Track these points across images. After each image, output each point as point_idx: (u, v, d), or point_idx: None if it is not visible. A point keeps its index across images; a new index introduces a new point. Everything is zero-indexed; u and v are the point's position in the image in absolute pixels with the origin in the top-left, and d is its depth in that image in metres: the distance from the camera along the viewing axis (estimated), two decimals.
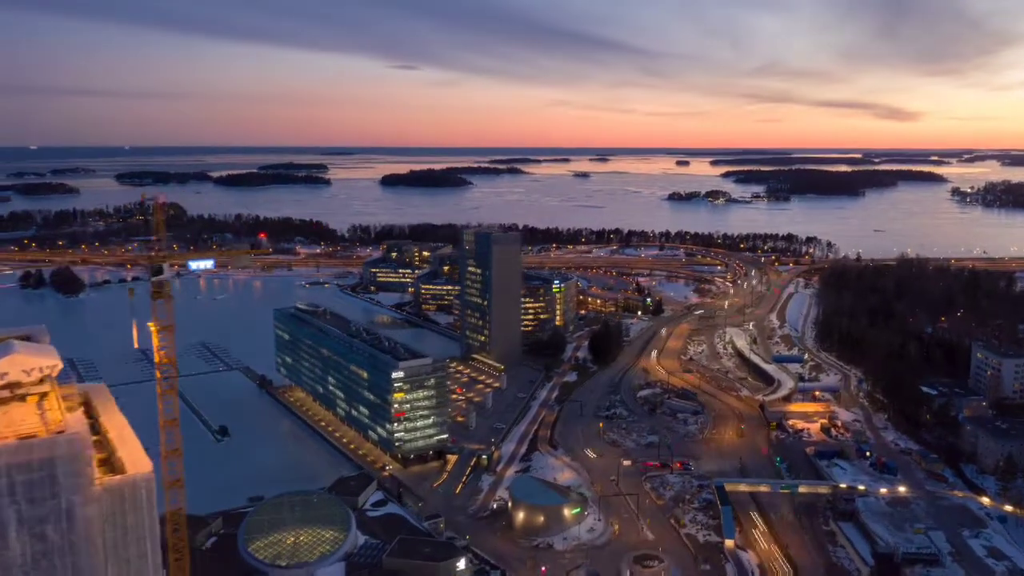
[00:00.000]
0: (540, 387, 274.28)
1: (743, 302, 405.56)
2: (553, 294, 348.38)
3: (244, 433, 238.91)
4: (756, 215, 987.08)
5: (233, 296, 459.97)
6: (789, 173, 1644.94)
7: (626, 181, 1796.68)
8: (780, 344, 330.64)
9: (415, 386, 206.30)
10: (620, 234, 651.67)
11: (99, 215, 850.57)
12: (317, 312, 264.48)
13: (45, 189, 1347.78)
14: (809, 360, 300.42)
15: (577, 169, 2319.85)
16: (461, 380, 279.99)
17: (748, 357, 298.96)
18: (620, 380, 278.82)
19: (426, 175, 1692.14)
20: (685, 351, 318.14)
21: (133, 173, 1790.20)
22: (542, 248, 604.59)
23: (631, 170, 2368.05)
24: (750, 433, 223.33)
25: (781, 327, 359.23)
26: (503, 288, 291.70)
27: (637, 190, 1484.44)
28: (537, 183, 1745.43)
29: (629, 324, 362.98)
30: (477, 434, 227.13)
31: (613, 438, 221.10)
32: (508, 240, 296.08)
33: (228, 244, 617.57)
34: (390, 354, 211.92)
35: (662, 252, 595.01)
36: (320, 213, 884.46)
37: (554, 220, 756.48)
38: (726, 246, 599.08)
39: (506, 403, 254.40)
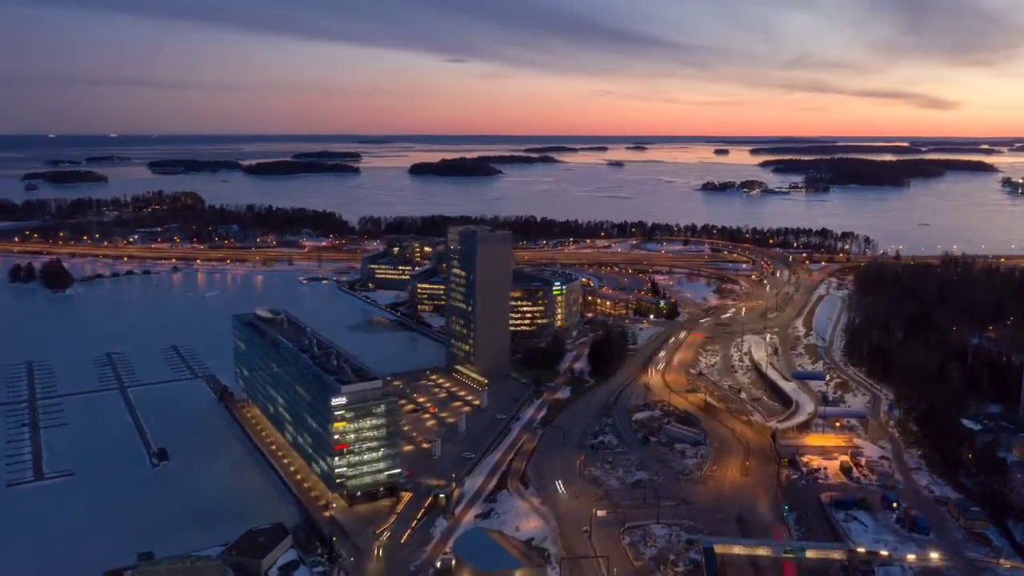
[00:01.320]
0: (527, 405, 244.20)
1: (767, 305, 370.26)
2: (553, 296, 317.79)
3: (186, 456, 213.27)
4: (792, 207, 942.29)
5: (225, 293, 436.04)
6: (831, 162, 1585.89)
7: (661, 170, 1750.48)
8: (804, 356, 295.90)
9: (361, 414, 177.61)
10: (643, 227, 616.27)
11: (116, 204, 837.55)
12: (275, 320, 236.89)
13: (74, 177, 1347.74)
14: (834, 377, 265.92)
15: (614, 158, 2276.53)
16: (438, 396, 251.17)
17: (765, 372, 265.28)
18: (616, 399, 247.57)
19: (457, 164, 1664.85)
20: (696, 363, 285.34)
21: (166, 161, 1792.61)
22: (558, 242, 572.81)
23: (668, 159, 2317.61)
24: (757, 471, 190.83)
25: (807, 336, 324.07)
26: (489, 293, 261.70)
27: (671, 180, 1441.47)
28: (569, 172, 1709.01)
29: (638, 330, 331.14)
30: (442, 465, 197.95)
31: (595, 474, 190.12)
32: (496, 239, 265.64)
33: (234, 236, 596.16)
34: (335, 375, 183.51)
35: (686, 248, 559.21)
36: (340, 203, 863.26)
37: (578, 211, 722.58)
38: (755, 241, 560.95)
39: (483, 426, 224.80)
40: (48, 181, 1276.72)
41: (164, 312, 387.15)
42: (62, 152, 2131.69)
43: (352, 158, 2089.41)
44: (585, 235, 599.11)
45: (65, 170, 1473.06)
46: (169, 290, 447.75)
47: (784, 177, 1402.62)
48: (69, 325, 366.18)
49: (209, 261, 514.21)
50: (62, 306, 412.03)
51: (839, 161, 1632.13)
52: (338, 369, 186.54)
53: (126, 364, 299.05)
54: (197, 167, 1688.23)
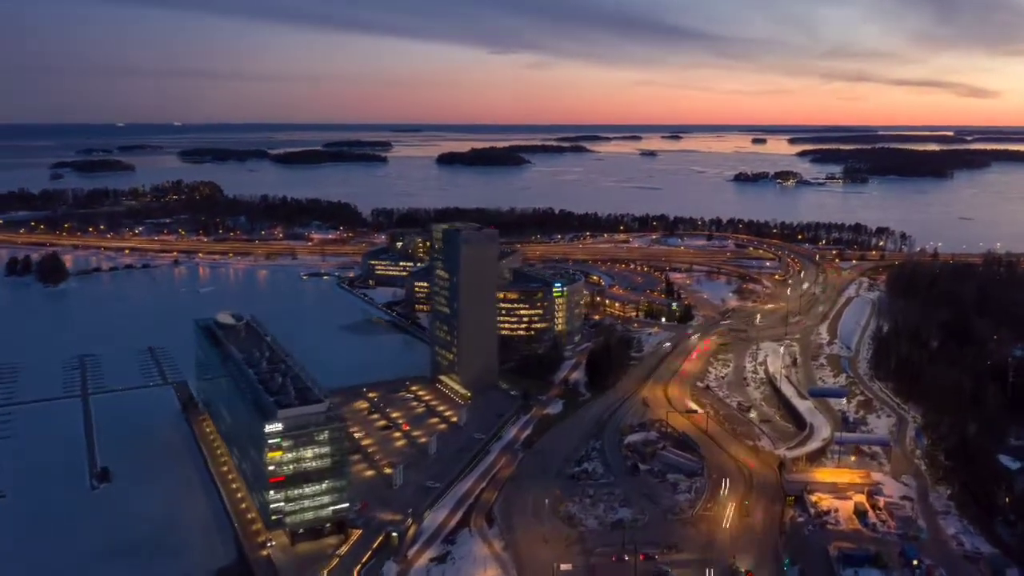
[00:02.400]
0: (511, 422, 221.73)
1: (789, 308, 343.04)
2: (553, 298, 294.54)
3: (130, 477, 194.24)
4: (828, 199, 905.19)
5: (220, 289, 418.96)
6: (871, 152, 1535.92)
7: (694, 160, 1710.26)
8: (825, 368, 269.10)
9: (301, 442, 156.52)
10: (665, 221, 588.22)
11: (135, 194, 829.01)
12: (234, 327, 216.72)
13: (102, 166, 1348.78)
14: (856, 393, 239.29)
15: (647, 147, 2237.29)
16: (415, 411, 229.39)
17: (779, 387, 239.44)
18: (611, 415, 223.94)
19: (486, 154, 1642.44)
20: (704, 375, 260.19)
21: (195, 150, 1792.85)
22: (575, 236, 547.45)
23: (702, 148, 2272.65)
24: (758, 510, 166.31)
25: (830, 344, 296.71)
26: (474, 297, 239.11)
27: (703, 170, 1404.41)
28: (600, 162, 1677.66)
29: (646, 335, 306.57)
30: (402, 495, 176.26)
31: (571, 511, 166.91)
32: (481, 239, 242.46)
33: (240, 228, 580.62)
34: (276, 395, 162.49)
35: (709, 243, 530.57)
36: (360, 193, 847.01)
37: (602, 203, 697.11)
38: (783, 236, 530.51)
39: (458, 447, 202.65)
40: (76, 170, 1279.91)
41: (153, 310, 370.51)
42: (93, 141, 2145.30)
43: (382, 147, 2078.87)
44: (604, 229, 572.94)
45: (94, 159, 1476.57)
46: (164, 285, 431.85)
47: (822, 167, 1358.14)
48: (50, 323, 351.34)
49: (211, 255, 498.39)
50: (51, 302, 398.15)
51: (880, 151, 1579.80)
52: (280, 389, 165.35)
53: (97, 368, 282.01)
54: (225, 156, 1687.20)
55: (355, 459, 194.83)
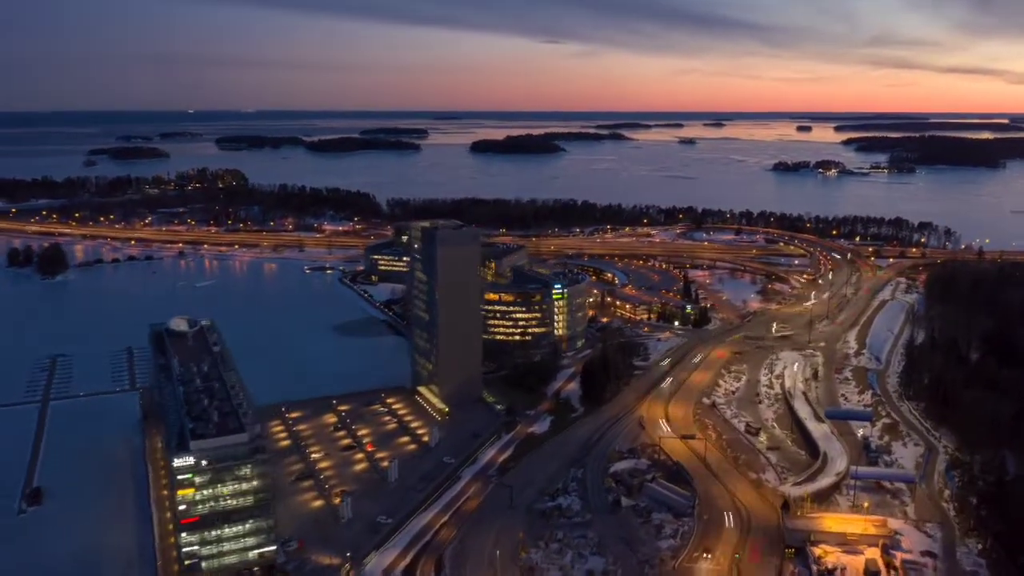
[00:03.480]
0: (489, 442, 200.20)
1: (817, 311, 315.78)
2: (552, 301, 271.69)
3: (65, 498, 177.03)
4: (870, 190, 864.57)
5: (219, 283, 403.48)
6: (920, 140, 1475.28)
7: (734, 148, 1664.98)
8: (850, 383, 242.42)
9: (218, 477, 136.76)
10: (693, 213, 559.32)
11: (157, 182, 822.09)
12: (184, 334, 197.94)
13: (136, 153, 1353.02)
14: (883, 415, 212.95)
15: (687, 135, 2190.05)
16: (385, 428, 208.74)
17: (793, 407, 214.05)
18: (600, 438, 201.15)
19: (521, 141, 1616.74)
20: (713, 389, 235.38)
21: (231, 138, 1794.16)
22: (594, 230, 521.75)
23: (744, 136, 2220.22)
24: (752, 564, 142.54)
25: (858, 354, 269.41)
26: (454, 302, 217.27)
27: (742, 159, 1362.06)
28: (637, 150, 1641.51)
29: (656, 341, 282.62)
30: (347, 533, 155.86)
31: (533, 560, 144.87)
32: (461, 238, 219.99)
33: (252, 219, 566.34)
34: (197, 421, 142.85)
35: (737, 238, 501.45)
36: (383, 182, 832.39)
37: (631, 193, 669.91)
38: (817, 231, 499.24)
39: (423, 472, 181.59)
40: (111, 157, 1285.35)
41: (143, 305, 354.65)
42: (137, 127, 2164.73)
43: (419, 134, 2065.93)
44: (627, 221, 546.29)
45: (130, 146, 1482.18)
46: (164, 278, 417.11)
47: (867, 156, 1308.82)
48: (34, 318, 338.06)
49: (218, 246, 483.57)
50: (44, 295, 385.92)
51: (929, 139, 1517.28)
52: (202, 414, 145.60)
53: (66, 370, 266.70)
54: (260, 143, 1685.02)
55: (306, 486, 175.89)
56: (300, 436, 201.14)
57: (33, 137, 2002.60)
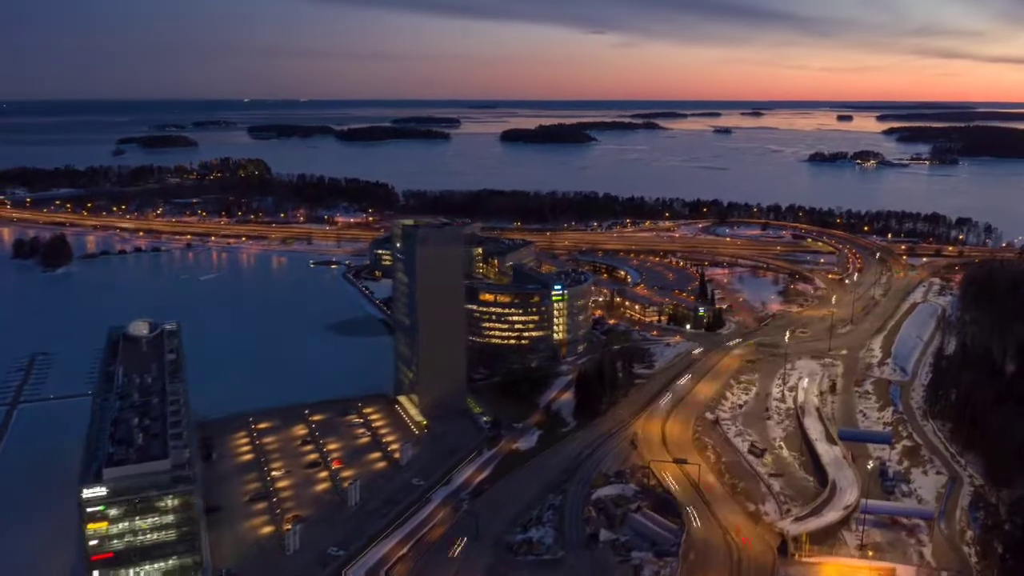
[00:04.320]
0: (470, 459, 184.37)
1: (840, 314, 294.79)
2: (551, 303, 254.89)
3: (3, 519, 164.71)
4: (910, 183, 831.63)
5: (221, 277, 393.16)
6: (964, 130, 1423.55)
7: (771, 138, 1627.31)
8: (870, 397, 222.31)
9: (135, 510, 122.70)
10: (718, 207, 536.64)
11: (180, 171, 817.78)
12: (141, 339, 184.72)
13: (166, 142, 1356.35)
14: (903, 436, 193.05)
15: (724, 124, 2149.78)
16: (357, 442, 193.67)
17: (804, 425, 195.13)
18: (589, 456, 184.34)
19: (552, 131, 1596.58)
20: (718, 402, 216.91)
21: (263, 126, 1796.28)
22: (613, 224, 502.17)
23: (783, 126, 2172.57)
24: None
25: (882, 364, 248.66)
26: (435, 306, 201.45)
27: (778, 149, 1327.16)
28: (670, 140, 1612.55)
29: (663, 346, 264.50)
30: (291, 567, 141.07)
31: None
32: (443, 237, 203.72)
33: (264, 210, 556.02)
34: (118, 445, 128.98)
35: (763, 233, 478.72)
36: (406, 172, 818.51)
37: (655, 185, 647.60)
38: (849, 226, 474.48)
39: (387, 495, 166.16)
40: (142, 146, 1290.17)
41: (141, 299, 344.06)
42: (172, 116, 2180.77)
43: (451, 124, 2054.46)
44: (649, 215, 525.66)
45: (161, 135, 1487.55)
46: (167, 271, 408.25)
47: (908, 147, 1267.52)
48: (23, 313, 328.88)
49: (227, 238, 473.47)
50: (40, 288, 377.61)
51: (974, 129, 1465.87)
52: (128, 435, 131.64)
53: (44, 369, 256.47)
54: (290, 132, 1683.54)
55: (259, 508, 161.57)
56: (264, 450, 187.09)
57: (71, 125, 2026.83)
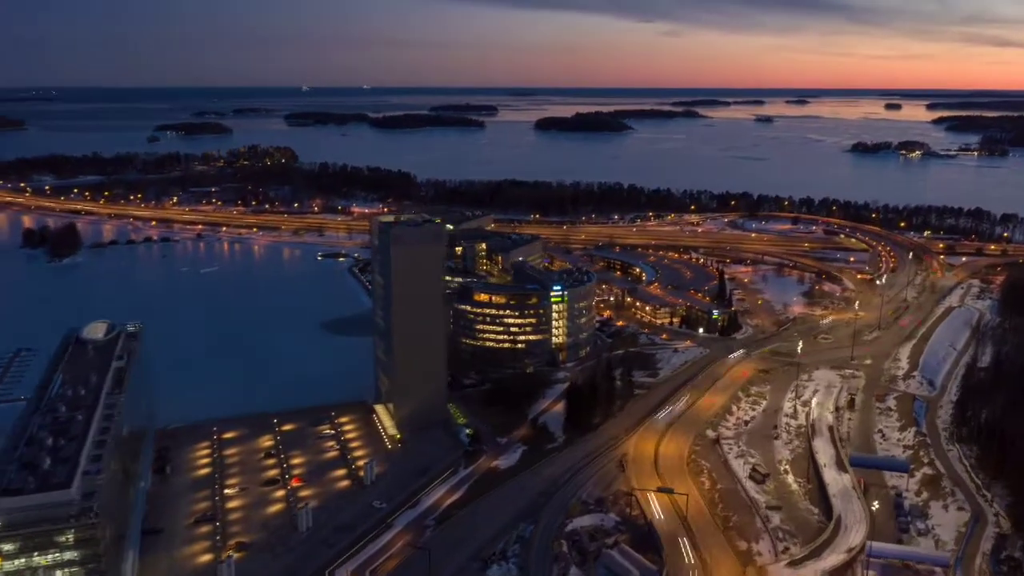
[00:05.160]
0: (442, 479, 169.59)
1: (868, 318, 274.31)
2: (549, 304, 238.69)
3: None
4: (955, 175, 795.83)
5: (223, 269, 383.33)
6: (1017, 120, 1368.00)
7: (814, 127, 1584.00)
8: (892, 415, 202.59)
9: (32, 544, 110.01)
10: (748, 200, 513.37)
11: (206, 159, 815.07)
12: (90, 344, 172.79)
13: (202, 129, 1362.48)
14: (923, 463, 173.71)
15: (767, 112, 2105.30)
16: (324, 456, 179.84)
17: (813, 447, 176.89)
18: (569, 480, 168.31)
19: (589, 119, 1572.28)
20: (723, 417, 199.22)
21: (299, 114, 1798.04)
22: (636, 217, 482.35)
23: (828, 114, 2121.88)
24: None
25: (908, 376, 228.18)
26: (411, 311, 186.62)
27: (820, 138, 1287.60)
28: (709, 128, 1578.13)
29: (670, 351, 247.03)
30: None
31: None
32: (421, 236, 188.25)
33: (280, 199, 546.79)
34: (23, 470, 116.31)
35: (794, 228, 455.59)
36: (433, 161, 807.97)
37: (686, 176, 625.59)
38: (884, 222, 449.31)
39: (342, 520, 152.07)
40: (178, 133, 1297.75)
41: (138, 292, 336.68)
42: (208, 103, 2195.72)
43: (488, 111, 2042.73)
44: (675, 208, 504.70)
45: (197, 122, 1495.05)
46: (172, 263, 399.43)
47: (957, 137, 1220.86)
48: (20, 305, 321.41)
49: (237, 228, 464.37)
50: (43, 279, 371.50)
51: None
52: (34, 459, 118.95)
53: (23, 368, 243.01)
54: (325, 120, 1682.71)
55: (203, 531, 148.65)
56: (224, 464, 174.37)
57: (115, 112, 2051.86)
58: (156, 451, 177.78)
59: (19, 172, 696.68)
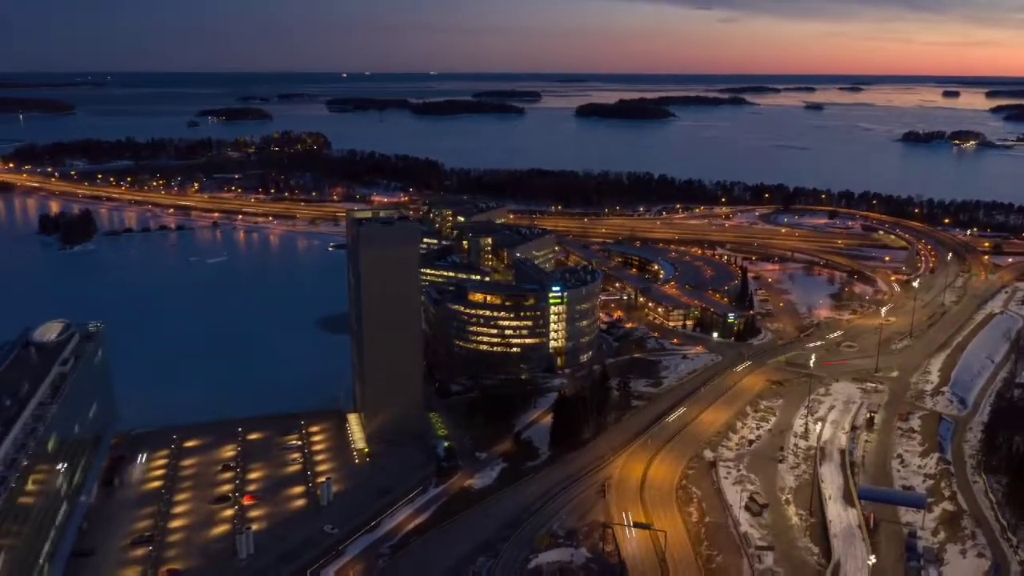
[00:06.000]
0: (405, 501, 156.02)
1: (898, 325, 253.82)
2: (547, 306, 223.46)
3: None
4: (1011, 166, 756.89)
5: (230, 260, 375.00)
6: None
7: (865, 115, 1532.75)
8: (914, 437, 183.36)
9: None
10: (783, 192, 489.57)
11: (238, 145, 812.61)
12: (32, 347, 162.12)
13: (243, 115, 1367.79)
14: (944, 496, 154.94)
15: (818, 100, 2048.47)
16: (287, 470, 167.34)
17: (820, 474, 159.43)
18: (543, 506, 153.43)
19: (631, 105, 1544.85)
20: (725, 436, 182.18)
21: (341, 99, 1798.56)
22: (663, 209, 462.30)
23: (881, 101, 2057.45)
24: None
25: (938, 392, 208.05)
26: (382, 315, 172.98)
27: (870, 127, 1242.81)
28: (754, 116, 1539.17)
29: (679, 358, 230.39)
30: None
31: None
32: (392, 236, 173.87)
33: (301, 188, 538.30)
34: None
35: (831, 223, 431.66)
36: (466, 148, 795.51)
37: (722, 166, 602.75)
38: (928, 218, 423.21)
39: (286, 547, 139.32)
40: (219, 119, 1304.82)
41: (140, 283, 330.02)
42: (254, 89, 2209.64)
43: (531, 97, 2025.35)
44: (705, 200, 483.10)
45: (239, 107, 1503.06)
46: (181, 252, 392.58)
47: (1016, 127, 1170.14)
48: (19, 296, 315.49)
49: (254, 217, 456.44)
50: (51, 267, 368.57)
51: None
52: None
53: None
54: (366, 105, 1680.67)
55: (136, 555, 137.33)
56: (178, 476, 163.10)
57: (163, 97, 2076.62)
58: (110, 460, 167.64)
59: (54, 157, 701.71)
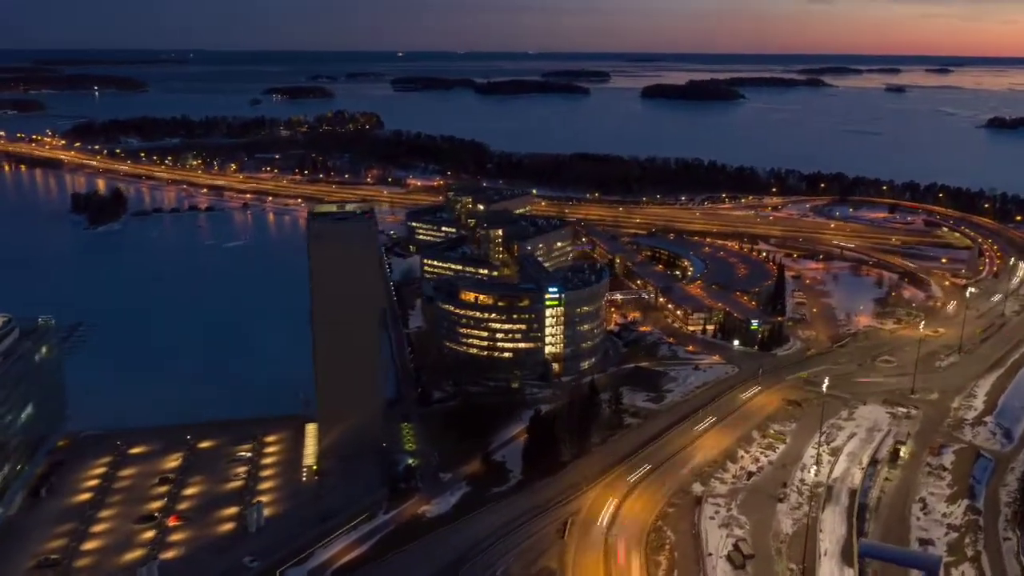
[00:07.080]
0: (348, 528, 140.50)
1: (946, 338, 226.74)
2: (543, 308, 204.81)
3: None
4: None
5: (249, 243, 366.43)
6: None
7: (950, 98, 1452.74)
8: (944, 476, 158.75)
9: None
10: (841, 182, 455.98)
11: (291, 124, 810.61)
12: None
13: (306, 93, 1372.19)
14: (966, 556, 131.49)
15: (901, 82, 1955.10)
16: (229, 485, 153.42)
17: (820, 521, 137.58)
18: (491, 546, 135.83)
19: (700, 86, 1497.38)
20: (722, 465, 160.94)
21: (405, 79, 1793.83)
22: (707, 198, 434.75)
23: (970, 84, 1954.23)
24: None
25: (980, 421, 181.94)
26: (336, 319, 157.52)
27: (953, 111, 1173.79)
28: (830, 98, 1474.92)
29: (689, 370, 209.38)
30: None
31: None
32: (347, 233, 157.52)
33: (337, 169, 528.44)
34: None
35: (890, 217, 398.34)
36: (521, 129, 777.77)
37: (783, 152, 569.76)
38: (999, 213, 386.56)
39: None
40: (283, 97, 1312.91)
41: (146, 268, 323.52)
42: (324, 67, 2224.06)
43: (600, 78, 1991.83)
44: (756, 189, 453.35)
45: (304, 85, 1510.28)
46: (203, 234, 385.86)
47: None
48: (30, 279, 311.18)
49: (284, 199, 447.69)
50: (72, 248, 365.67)
51: None
52: None
53: None
54: (433, 85, 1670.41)
55: None
56: (111, 488, 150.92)
57: (236, 75, 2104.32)
58: (47, 466, 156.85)
59: (108, 134, 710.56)
